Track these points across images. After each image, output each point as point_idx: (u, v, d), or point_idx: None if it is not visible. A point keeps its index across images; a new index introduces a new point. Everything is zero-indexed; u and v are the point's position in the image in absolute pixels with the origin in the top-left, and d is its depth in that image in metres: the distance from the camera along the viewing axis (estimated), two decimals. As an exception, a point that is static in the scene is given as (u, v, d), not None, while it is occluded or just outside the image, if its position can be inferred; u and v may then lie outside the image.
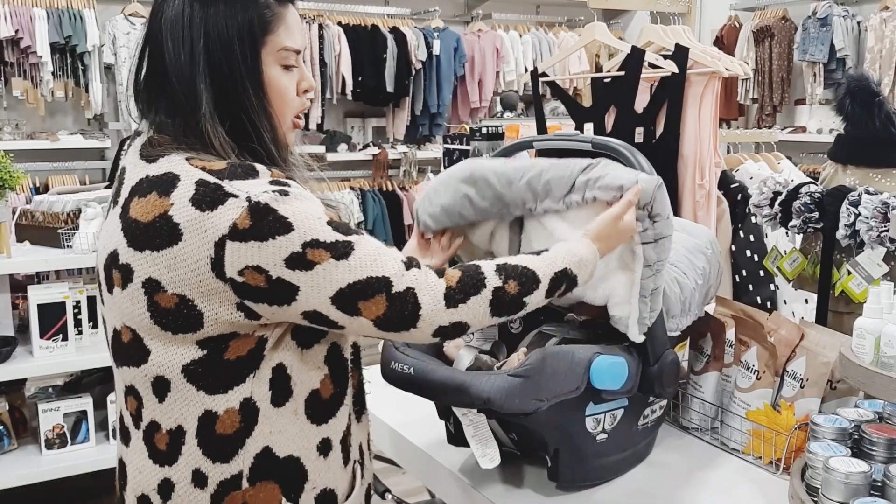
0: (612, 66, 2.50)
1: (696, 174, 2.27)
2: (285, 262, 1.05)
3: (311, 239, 1.06)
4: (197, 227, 1.05)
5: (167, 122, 1.15)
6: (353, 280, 1.07)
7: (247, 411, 1.11)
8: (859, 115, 1.77)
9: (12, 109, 5.22)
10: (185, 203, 1.06)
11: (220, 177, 1.08)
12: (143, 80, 1.17)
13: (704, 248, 1.57)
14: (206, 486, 1.12)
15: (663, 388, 1.36)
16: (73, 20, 5.02)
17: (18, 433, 3.06)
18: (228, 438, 1.11)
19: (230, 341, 1.10)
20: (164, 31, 1.13)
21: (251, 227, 1.04)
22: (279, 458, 1.14)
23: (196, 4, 1.12)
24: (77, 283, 3.12)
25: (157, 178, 1.10)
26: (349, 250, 1.07)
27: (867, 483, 1.12)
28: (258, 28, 1.14)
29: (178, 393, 1.11)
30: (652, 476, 1.45)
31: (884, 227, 1.55)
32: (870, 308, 1.26)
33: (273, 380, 1.13)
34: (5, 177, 2.70)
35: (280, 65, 1.17)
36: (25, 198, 4.64)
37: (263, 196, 1.05)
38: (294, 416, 1.15)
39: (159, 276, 1.07)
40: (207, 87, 1.12)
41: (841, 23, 5.47)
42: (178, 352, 1.10)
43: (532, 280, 1.17)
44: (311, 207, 1.08)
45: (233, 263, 1.05)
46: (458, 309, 1.11)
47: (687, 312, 1.46)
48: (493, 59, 6.33)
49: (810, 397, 1.45)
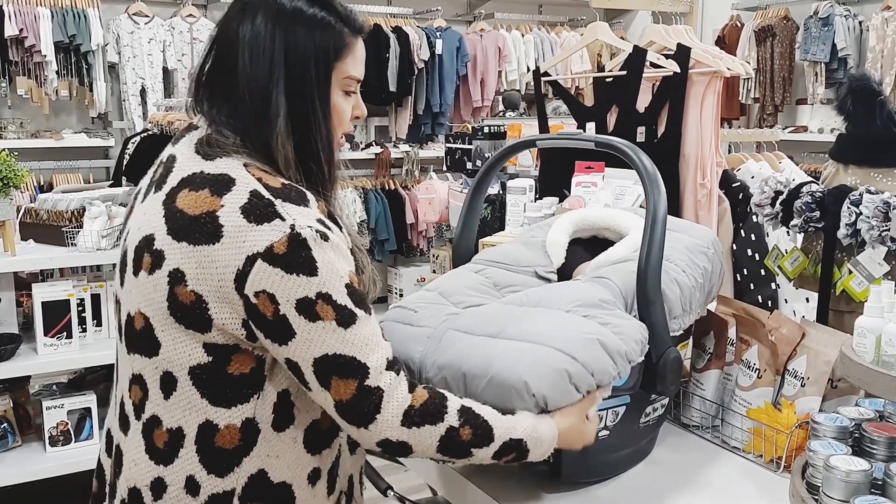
0: (614, 65, 2.50)
1: (697, 173, 2.28)
2: (296, 303, 1.07)
3: (326, 293, 1.08)
4: (238, 235, 1.08)
5: (230, 123, 1.18)
6: (340, 352, 1.09)
7: (248, 431, 1.14)
8: (860, 115, 1.78)
9: (17, 108, 5.23)
10: (234, 208, 1.09)
11: (274, 194, 1.11)
12: (205, 79, 1.21)
13: (706, 248, 1.57)
14: (198, 495, 1.13)
15: (665, 385, 1.37)
16: (78, 19, 5.03)
17: (23, 430, 3.08)
18: (226, 453, 1.13)
19: (233, 354, 1.12)
20: (239, 41, 1.17)
21: (284, 254, 1.07)
22: (273, 483, 1.15)
23: (279, 24, 1.17)
24: (81, 280, 3.13)
25: (213, 177, 1.13)
26: (352, 322, 1.10)
27: (868, 481, 1.12)
28: (332, 53, 1.20)
29: (183, 394, 1.13)
30: (653, 474, 1.46)
31: (885, 226, 1.56)
32: (871, 307, 1.26)
33: (277, 404, 1.15)
34: (10, 175, 2.71)
35: (342, 90, 1.23)
36: (30, 196, 4.66)
37: (306, 231, 1.08)
38: (293, 443, 1.17)
39: (187, 269, 1.10)
40: (283, 101, 1.16)
41: (843, 22, 5.47)
42: (186, 351, 1.12)
43: (486, 437, 1.16)
44: (340, 264, 1.11)
45: (254, 283, 1.07)
46: (411, 430, 1.12)
47: (688, 311, 1.46)
48: (496, 59, 6.33)
49: (811, 396, 1.46)
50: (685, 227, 1.64)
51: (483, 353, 1.24)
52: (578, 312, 1.30)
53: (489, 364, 1.22)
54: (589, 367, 1.21)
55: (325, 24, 1.19)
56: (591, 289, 1.38)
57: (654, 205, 1.35)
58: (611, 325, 1.28)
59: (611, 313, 1.31)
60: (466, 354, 1.25)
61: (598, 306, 1.32)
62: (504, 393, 1.20)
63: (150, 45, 5.35)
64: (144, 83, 5.35)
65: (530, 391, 1.18)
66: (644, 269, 1.33)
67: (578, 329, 1.26)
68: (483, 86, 6.34)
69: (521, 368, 1.20)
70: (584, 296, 1.34)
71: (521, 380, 1.18)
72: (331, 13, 1.20)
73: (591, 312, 1.30)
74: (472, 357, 1.24)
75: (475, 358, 1.24)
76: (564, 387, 1.20)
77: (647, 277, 1.33)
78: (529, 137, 1.60)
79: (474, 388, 1.21)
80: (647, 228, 1.34)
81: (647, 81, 2.35)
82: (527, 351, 1.22)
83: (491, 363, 1.22)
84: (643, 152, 1.39)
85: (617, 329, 1.28)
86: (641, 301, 1.35)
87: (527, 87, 6.43)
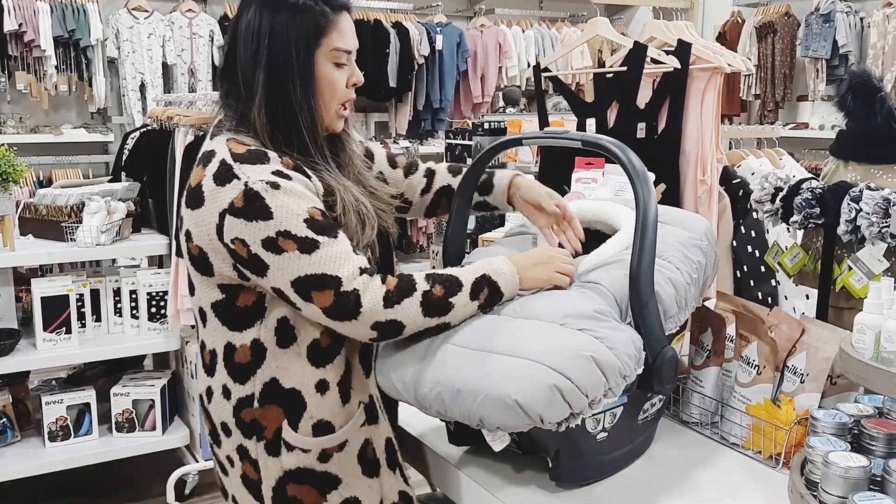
0: (614, 61, 2.50)
1: (697, 170, 2.27)
2: (261, 243, 1.30)
3: (285, 230, 1.29)
4: (212, 198, 1.32)
5: (230, 104, 1.42)
6: (310, 272, 1.30)
7: (256, 349, 1.40)
8: (861, 112, 1.77)
9: (16, 103, 5.23)
10: (210, 177, 1.33)
11: (235, 159, 1.34)
12: (219, 71, 1.47)
13: (699, 241, 1.55)
14: (230, 399, 1.42)
15: (662, 385, 1.36)
16: (77, 14, 5.03)
17: (22, 425, 3.08)
18: (243, 366, 1.41)
19: (239, 291, 1.39)
20: (238, 33, 1.39)
21: (242, 207, 1.29)
22: (284, 388, 1.40)
23: (265, 12, 1.37)
24: (80, 276, 3.13)
25: (205, 154, 1.39)
26: (314, 248, 1.30)
27: (867, 478, 1.12)
28: (313, 33, 1.38)
29: (211, 323, 1.43)
30: (652, 470, 1.46)
31: (885, 222, 1.55)
32: (870, 303, 1.26)
33: (277, 328, 1.39)
34: (9, 170, 2.71)
35: (332, 62, 1.41)
36: (29, 191, 4.65)
37: (258, 185, 1.30)
38: (298, 357, 1.40)
39: (192, 229, 1.36)
40: (264, 80, 1.37)
41: (844, 19, 5.47)
42: (207, 291, 1.41)
43: (455, 284, 1.35)
44: (296, 203, 1.31)
45: (227, 232, 1.31)
46: (394, 309, 1.31)
47: (683, 308, 1.46)
48: (496, 55, 6.33)
49: (810, 392, 1.46)
50: (677, 218, 1.61)
51: (477, 370, 1.26)
52: (573, 325, 1.29)
53: (483, 381, 1.23)
54: (582, 386, 1.21)
55: (305, 8, 1.37)
56: (584, 299, 1.36)
57: (644, 205, 1.33)
58: (605, 339, 1.27)
59: (605, 325, 1.30)
60: (461, 370, 1.27)
61: (592, 318, 1.31)
62: (498, 410, 1.21)
63: (150, 40, 5.35)
64: (144, 78, 5.35)
65: (524, 409, 1.20)
66: (636, 271, 1.32)
67: (572, 345, 1.25)
68: (483, 82, 6.34)
69: (513, 387, 1.21)
70: (578, 307, 1.33)
71: (513, 399, 1.20)
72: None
73: (585, 325, 1.29)
74: (467, 373, 1.26)
75: (469, 374, 1.26)
76: (559, 405, 1.21)
77: (639, 280, 1.32)
78: (514, 136, 1.58)
79: (469, 405, 1.24)
80: (637, 230, 1.32)
81: (647, 77, 2.35)
82: (520, 368, 1.23)
83: (485, 380, 1.23)
84: (631, 150, 1.36)
85: (611, 343, 1.27)
86: (635, 304, 1.33)
87: (527, 83, 6.43)
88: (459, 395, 1.25)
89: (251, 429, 1.42)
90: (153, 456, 3.23)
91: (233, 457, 1.46)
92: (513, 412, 1.21)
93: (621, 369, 1.26)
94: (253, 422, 1.41)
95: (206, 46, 5.54)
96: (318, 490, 1.42)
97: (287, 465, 1.41)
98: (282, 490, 1.42)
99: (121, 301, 3.15)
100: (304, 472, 1.41)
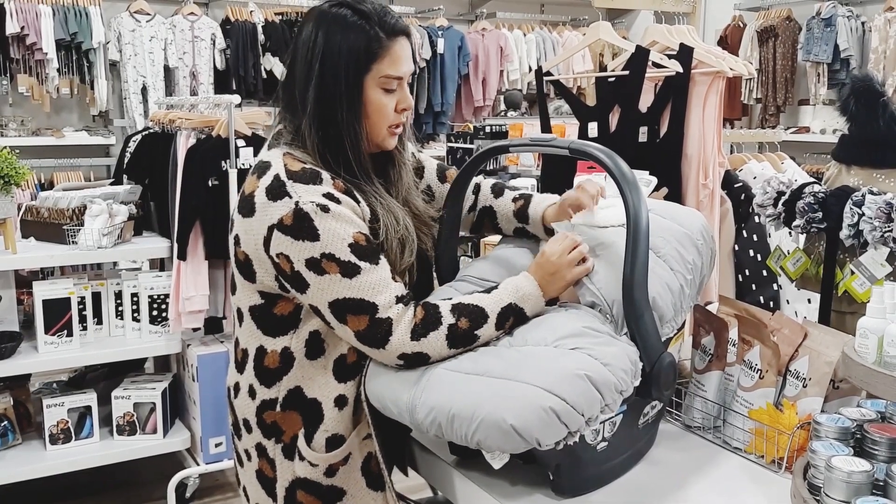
0: (616, 65, 2.50)
1: (699, 174, 2.27)
2: (305, 262, 1.34)
3: (329, 252, 1.33)
4: (263, 211, 1.36)
5: (288, 119, 1.46)
6: (349, 296, 1.34)
7: (285, 356, 1.45)
8: (863, 116, 1.77)
9: (18, 106, 5.24)
10: (263, 189, 1.38)
11: (289, 176, 1.37)
12: (280, 83, 1.49)
13: (695, 239, 1.53)
14: (255, 398, 1.48)
15: (661, 391, 1.36)
16: (79, 17, 5.03)
17: (23, 428, 3.08)
18: (271, 371, 1.46)
19: (278, 299, 1.44)
20: (298, 46, 1.43)
21: (291, 226, 1.34)
22: (306, 398, 1.46)
23: (322, 30, 1.40)
24: (82, 279, 3.13)
25: (260, 164, 1.43)
26: (356, 273, 1.34)
27: (869, 482, 1.12)
28: (364, 57, 1.40)
29: (247, 324, 1.48)
30: (654, 474, 1.46)
31: (887, 227, 1.55)
32: (873, 308, 1.26)
33: (308, 340, 1.45)
34: (10, 173, 2.71)
35: (382, 88, 1.43)
36: (30, 194, 4.66)
37: (308, 206, 1.34)
38: (324, 370, 1.46)
39: (241, 235, 1.41)
40: (314, 98, 1.40)
41: (845, 23, 5.47)
42: (247, 294, 1.47)
43: (481, 316, 1.37)
44: (343, 227, 1.35)
45: (274, 247, 1.36)
46: (420, 342, 1.34)
47: (680, 311, 1.45)
48: (497, 58, 6.33)
49: (813, 397, 1.46)
50: (673, 213, 1.58)
51: (472, 394, 1.26)
52: (565, 346, 1.29)
53: (478, 406, 1.23)
54: (578, 406, 1.21)
55: (359, 31, 1.39)
56: (573, 319, 1.35)
57: (634, 214, 1.30)
58: (598, 356, 1.26)
59: (597, 340, 1.29)
60: (455, 395, 1.27)
61: (583, 335, 1.30)
62: (495, 435, 1.21)
63: (152, 43, 5.36)
64: (146, 81, 5.35)
65: (520, 433, 1.19)
66: (629, 280, 1.30)
67: (565, 365, 1.25)
68: (485, 85, 6.34)
69: (509, 411, 1.20)
70: (569, 328, 1.32)
71: (509, 423, 1.19)
72: (367, 20, 1.40)
73: (577, 343, 1.28)
74: (461, 398, 1.26)
75: (464, 399, 1.26)
76: (555, 426, 1.20)
77: (633, 290, 1.30)
78: (502, 143, 1.58)
79: (465, 430, 1.24)
80: (629, 239, 1.31)
81: (649, 81, 2.35)
82: (514, 391, 1.23)
83: (480, 405, 1.23)
84: (620, 158, 1.34)
85: (605, 360, 1.26)
86: (630, 313, 1.32)
87: (528, 87, 6.44)
88: (455, 421, 1.25)
89: (271, 430, 1.48)
90: (154, 459, 3.22)
91: (251, 452, 1.52)
92: (509, 436, 1.20)
93: (617, 385, 1.25)
94: (273, 424, 1.47)
95: (208, 50, 5.55)
96: (325, 502, 1.49)
97: (299, 473, 1.47)
98: (293, 493, 1.48)
99: (122, 304, 3.15)
100: (312, 484, 1.48)
